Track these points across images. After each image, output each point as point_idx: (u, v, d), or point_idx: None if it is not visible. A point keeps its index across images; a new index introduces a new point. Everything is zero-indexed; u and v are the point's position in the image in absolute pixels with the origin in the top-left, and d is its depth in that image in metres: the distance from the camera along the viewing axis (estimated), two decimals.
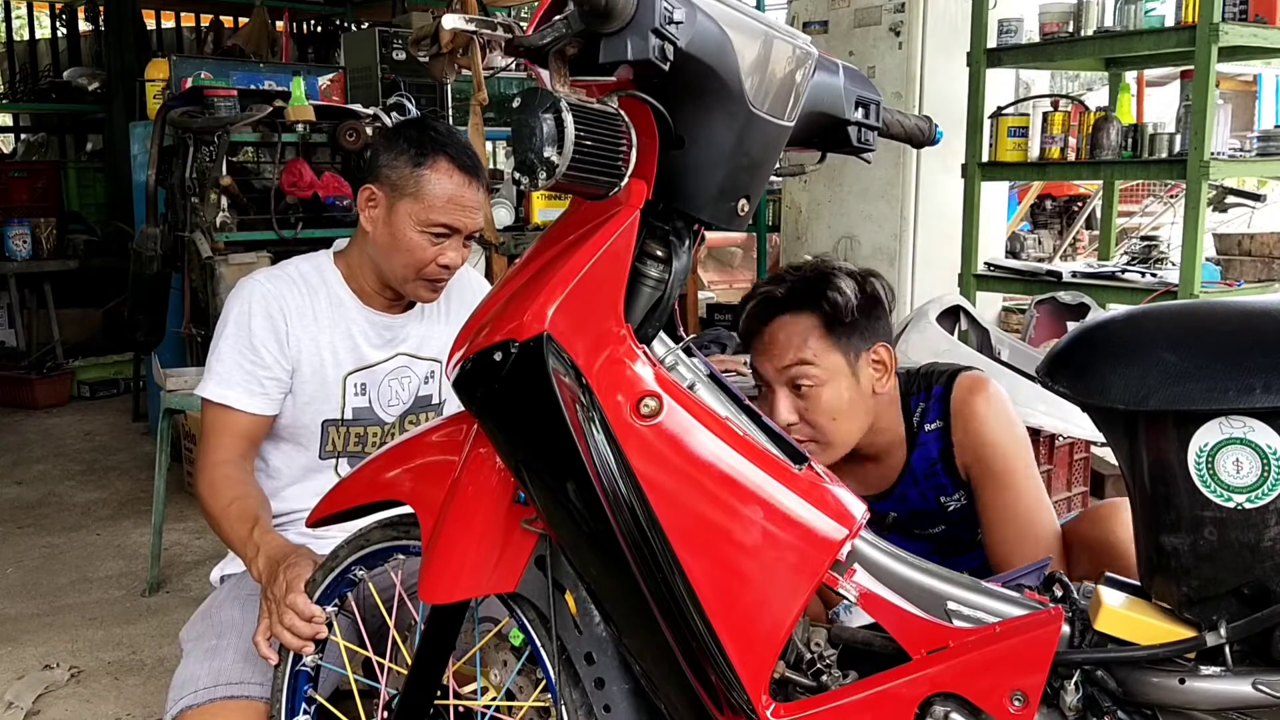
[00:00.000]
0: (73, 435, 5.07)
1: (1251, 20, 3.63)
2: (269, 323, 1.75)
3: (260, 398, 1.74)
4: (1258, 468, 1.04)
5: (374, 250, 1.77)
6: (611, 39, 1.01)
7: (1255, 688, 1.06)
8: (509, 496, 1.24)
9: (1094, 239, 7.10)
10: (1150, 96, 7.72)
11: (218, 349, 1.75)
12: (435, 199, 1.71)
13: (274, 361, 1.75)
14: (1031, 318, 4.20)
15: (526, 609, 1.29)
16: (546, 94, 1.04)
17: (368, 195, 1.76)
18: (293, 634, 1.45)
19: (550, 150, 1.03)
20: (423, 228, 1.71)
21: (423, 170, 1.71)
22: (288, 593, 1.46)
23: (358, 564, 1.48)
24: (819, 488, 1.17)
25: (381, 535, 1.45)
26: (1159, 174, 4.34)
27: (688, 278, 1.21)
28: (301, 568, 1.48)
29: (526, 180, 1.05)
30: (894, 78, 4.65)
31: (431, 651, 1.35)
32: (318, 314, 1.79)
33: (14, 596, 3.16)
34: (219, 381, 1.73)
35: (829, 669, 1.20)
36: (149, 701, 2.48)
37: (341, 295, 1.82)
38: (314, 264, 1.84)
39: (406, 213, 1.71)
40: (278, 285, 1.78)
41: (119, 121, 6.17)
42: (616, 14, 0.99)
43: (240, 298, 1.77)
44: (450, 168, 1.72)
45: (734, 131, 1.13)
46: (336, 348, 1.80)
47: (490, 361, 1.13)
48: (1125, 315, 1.18)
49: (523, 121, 1.03)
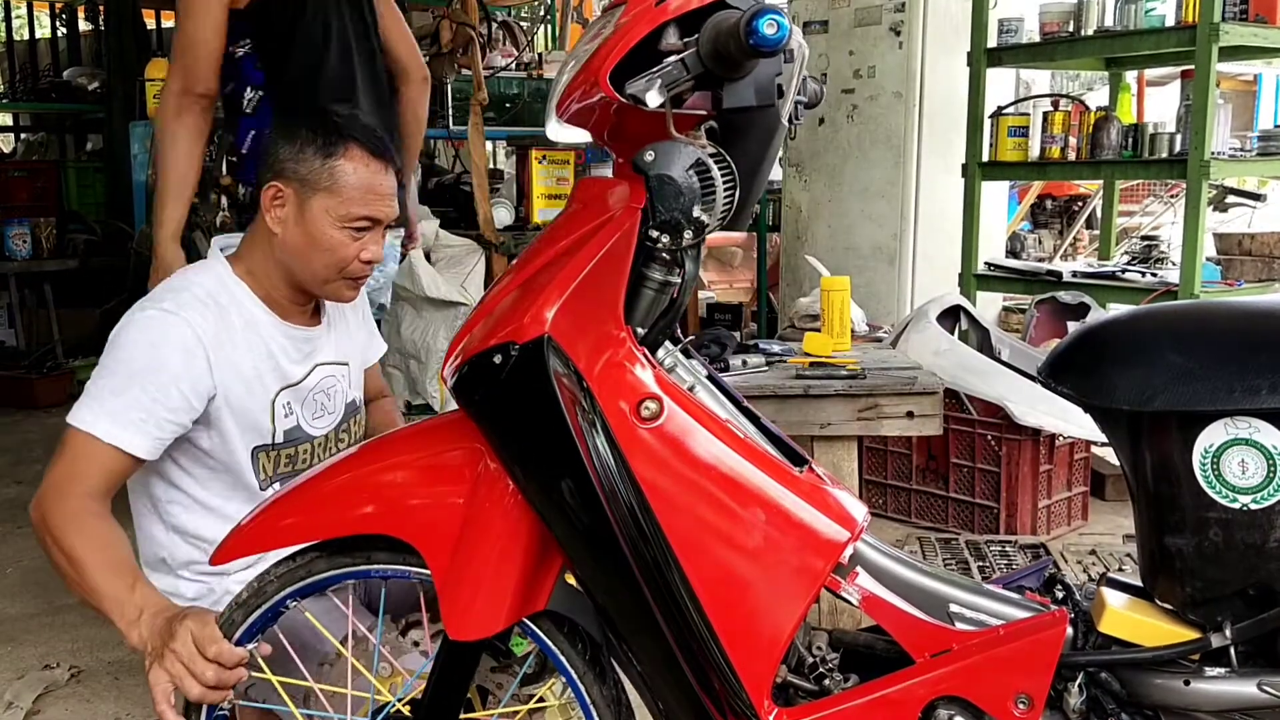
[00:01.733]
0: None
1: (1251, 20, 3.63)
2: (186, 359, 1.55)
3: (154, 441, 1.54)
4: (1263, 468, 1.03)
5: (284, 253, 1.62)
6: (734, 84, 1.02)
7: (1260, 689, 1.05)
8: (529, 518, 1.19)
9: (1094, 239, 7.09)
10: (1150, 96, 7.72)
11: (114, 381, 1.54)
12: (352, 190, 1.58)
13: (182, 404, 1.55)
14: (1032, 318, 4.20)
15: (541, 617, 1.27)
16: (689, 150, 1.04)
17: (273, 194, 1.60)
18: (216, 688, 1.32)
19: (698, 210, 1.04)
20: (343, 223, 1.58)
21: (335, 161, 1.58)
22: (207, 644, 1.31)
23: (293, 596, 1.36)
24: (820, 490, 1.16)
25: (328, 565, 1.33)
26: (1159, 174, 4.33)
27: (695, 283, 1.21)
28: (205, 616, 1.35)
29: (667, 239, 1.05)
30: (894, 77, 4.64)
31: (450, 684, 1.27)
32: (234, 338, 1.62)
33: (14, 596, 3.15)
34: (113, 420, 1.51)
35: (831, 673, 1.20)
36: (149, 701, 2.45)
37: (254, 312, 1.65)
38: (214, 278, 1.65)
39: (322, 209, 1.58)
40: (191, 314, 1.58)
41: (119, 121, 6.16)
42: (745, 66, 1.00)
43: (150, 329, 1.57)
44: (364, 155, 1.59)
45: (770, 144, 1.15)
46: (259, 370, 1.64)
47: (489, 364, 1.12)
48: (1128, 316, 1.17)
49: (665, 180, 1.03)
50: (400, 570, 1.29)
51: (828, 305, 2.71)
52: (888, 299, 4.77)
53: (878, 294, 4.75)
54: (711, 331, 2.80)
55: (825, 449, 2.42)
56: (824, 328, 2.72)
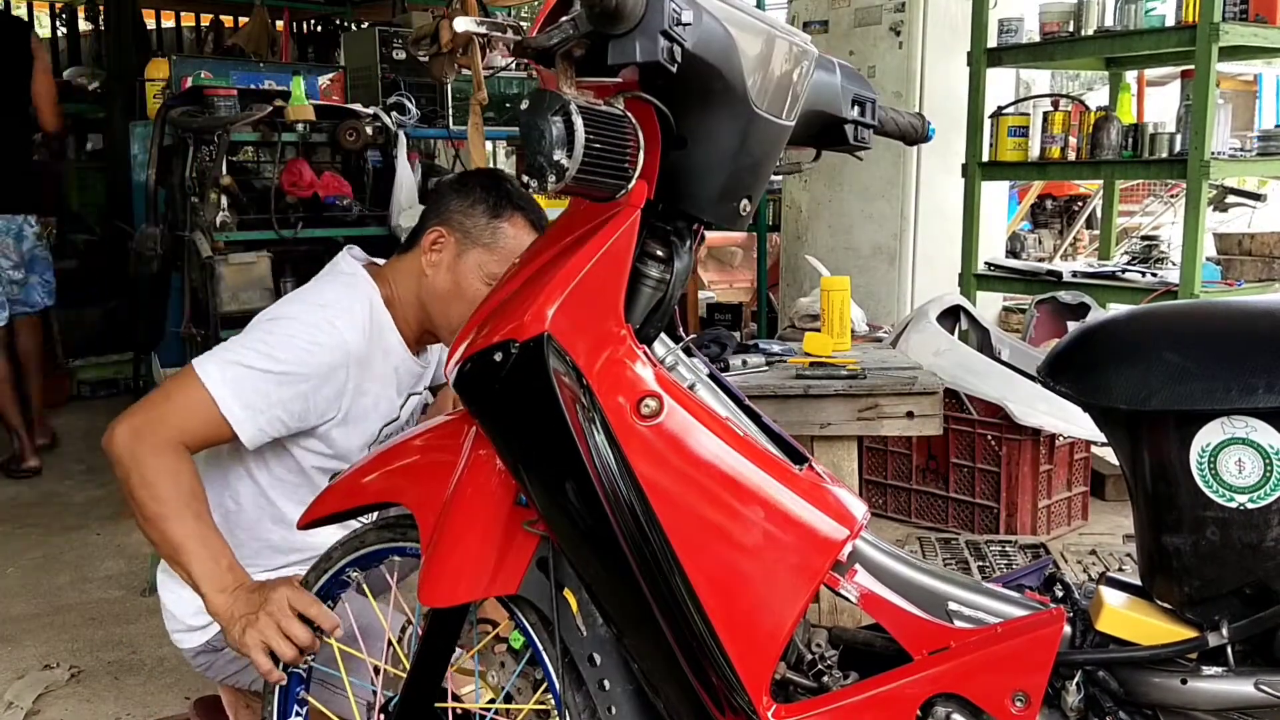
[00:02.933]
0: (72, 435, 5.07)
1: (1252, 20, 3.63)
2: (326, 378, 1.62)
3: (260, 432, 1.60)
4: (1260, 468, 1.04)
5: (428, 294, 1.73)
6: (620, 40, 1.01)
7: (1257, 688, 1.06)
8: (510, 499, 1.23)
9: (1094, 239, 7.09)
10: (1150, 96, 7.72)
11: (258, 359, 1.57)
12: (508, 253, 1.69)
13: (299, 414, 1.62)
14: (1032, 317, 4.20)
15: (527, 611, 1.29)
16: (555, 96, 1.03)
17: (435, 237, 1.72)
18: (293, 642, 1.42)
19: (560, 154, 1.02)
20: (489, 280, 1.68)
21: (500, 223, 1.70)
22: (306, 605, 1.42)
23: (352, 565, 1.48)
24: (820, 488, 1.17)
25: (377, 537, 1.45)
26: (1159, 174, 4.33)
27: (688, 278, 1.21)
28: (294, 581, 1.47)
29: (535, 183, 1.04)
30: (894, 77, 4.65)
31: (431, 654, 1.34)
32: (376, 368, 1.71)
33: (14, 596, 3.16)
34: (236, 394, 1.55)
35: (830, 670, 1.20)
36: (149, 701, 2.47)
37: (392, 343, 1.74)
38: (370, 303, 1.71)
39: (476, 263, 1.70)
40: (353, 336, 1.64)
41: (119, 121, 6.16)
42: (625, 16, 0.98)
43: (318, 333, 1.61)
44: (526, 225, 1.72)
45: (737, 132, 1.13)
46: (380, 400, 1.74)
47: (490, 362, 1.12)
48: (1127, 315, 1.18)
49: (532, 124, 1.03)
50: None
51: (828, 305, 2.71)
52: (888, 299, 4.78)
53: (878, 294, 4.76)
54: (711, 331, 2.81)
55: (825, 449, 2.42)
56: (824, 328, 2.72)
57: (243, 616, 1.43)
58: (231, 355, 1.58)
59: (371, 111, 4.16)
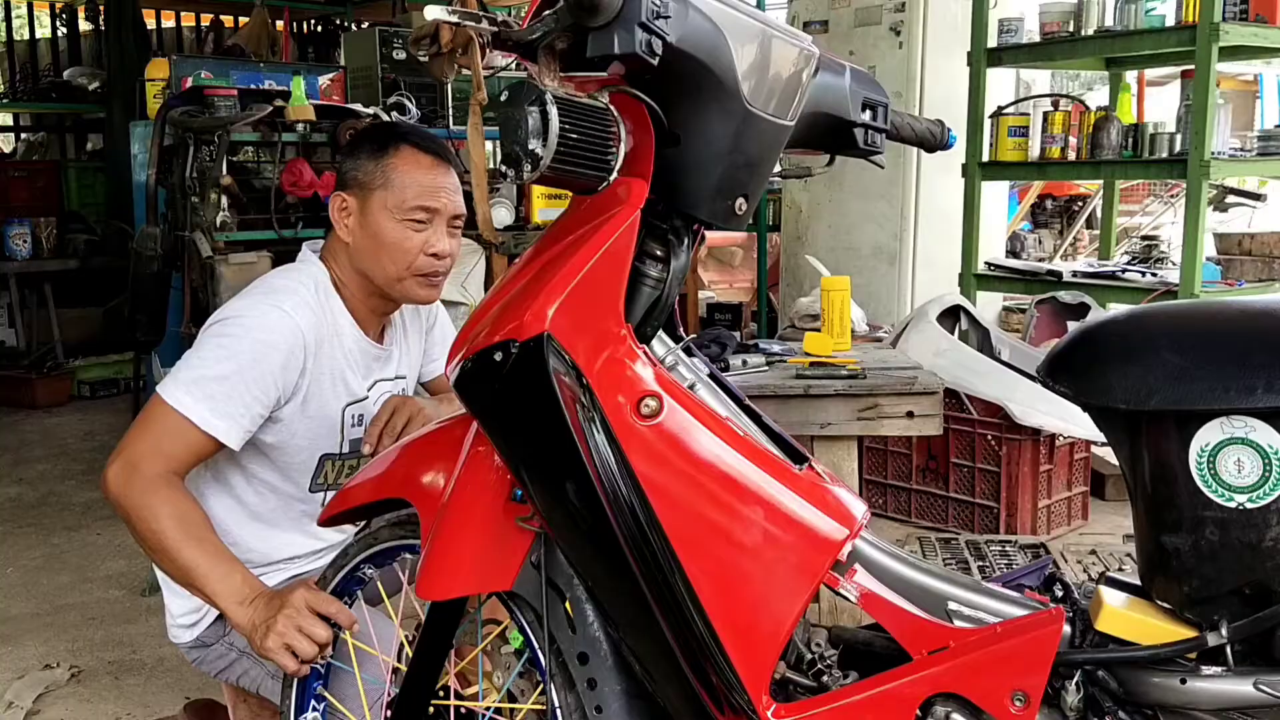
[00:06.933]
0: (73, 435, 5.07)
1: (1252, 20, 3.63)
2: (290, 361, 1.63)
3: (244, 432, 1.61)
4: (1259, 468, 1.04)
5: (358, 260, 1.71)
6: (599, 33, 1.02)
7: (1257, 688, 1.06)
8: (506, 494, 1.24)
9: (1094, 239, 7.09)
10: (1150, 96, 7.71)
11: (220, 368, 1.58)
12: (406, 183, 1.66)
13: (274, 401, 1.64)
14: (1032, 317, 4.20)
15: (525, 610, 1.29)
16: (532, 87, 1.04)
17: (339, 204, 1.71)
18: (311, 640, 1.43)
19: (535, 143, 1.03)
20: (401, 215, 1.66)
21: (388, 159, 1.67)
22: (324, 604, 1.45)
23: (366, 562, 1.50)
24: (819, 488, 1.17)
25: (389, 534, 1.46)
26: (1159, 174, 4.34)
27: (686, 277, 1.21)
28: (310, 582, 1.49)
29: (512, 172, 1.05)
30: (894, 78, 4.65)
31: (430, 649, 1.35)
32: (330, 347, 1.71)
33: (14, 596, 3.16)
34: (212, 408, 1.56)
35: (830, 669, 1.20)
36: (149, 701, 2.47)
37: (342, 324, 1.73)
38: (320, 286, 1.72)
39: (380, 206, 1.67)
40: (303, 317, 1.65)
41: (119, 121, 6.16)
42: (603, 9, 0.99)
43: (267, 325, 1.62)
44: (415, 152, 1.68)
45: (729, 129, 1.13)
46: (335, 380, 1.73)
47: (490, 361, 1.13)
48: (1126, 315, 1.18)
49: (509, 114, 1.04)
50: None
51: (828, 305, 2.72)
52: (888, 299, 4.78)
53: (878, 294, 4.75)
54: (711, 331, 2.81)
55: (825, 449, 2.42)
56: (824, 328, 2.72)
57: (264, 623, 1.45)
58: (193, 373, 1.59)
59: (372, 111, 4.17)
